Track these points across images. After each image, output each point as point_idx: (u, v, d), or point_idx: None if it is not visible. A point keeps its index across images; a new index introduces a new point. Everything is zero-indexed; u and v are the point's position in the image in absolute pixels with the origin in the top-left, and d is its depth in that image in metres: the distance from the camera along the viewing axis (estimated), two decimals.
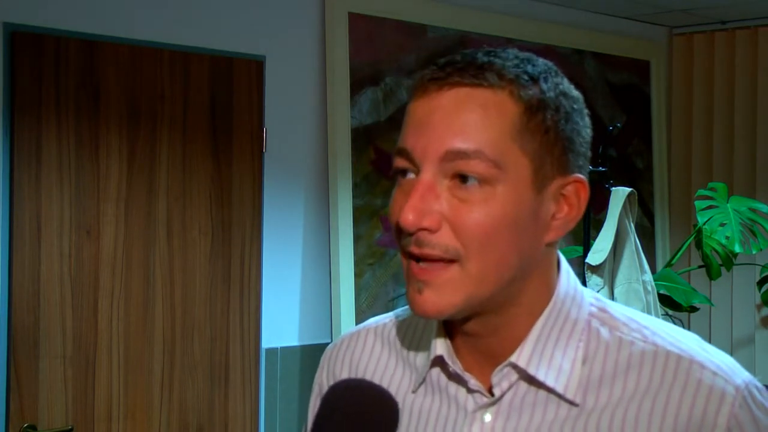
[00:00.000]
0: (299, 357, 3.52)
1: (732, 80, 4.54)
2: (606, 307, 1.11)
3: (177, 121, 3.19)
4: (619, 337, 1.08)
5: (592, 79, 4.39)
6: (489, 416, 1.08)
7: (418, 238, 1.01)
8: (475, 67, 1.02)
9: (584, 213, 1.08)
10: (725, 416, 1.02)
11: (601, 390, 1.05)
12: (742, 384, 1.05)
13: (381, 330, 1.23)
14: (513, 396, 1.07)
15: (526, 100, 1.02)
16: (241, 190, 3.35)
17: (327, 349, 1.29)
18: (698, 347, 1.08)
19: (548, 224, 1.05)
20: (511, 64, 1.04)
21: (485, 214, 1.00)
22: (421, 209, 1.00)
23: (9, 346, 2.87)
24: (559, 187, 1.05)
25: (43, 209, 2.93)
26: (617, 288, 3.33)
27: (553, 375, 1.05)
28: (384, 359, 1.19)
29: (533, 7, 4.22)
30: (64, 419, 2.98)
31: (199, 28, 3.27)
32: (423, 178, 1.01)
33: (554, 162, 1.03)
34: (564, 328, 1.08)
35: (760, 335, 4.45)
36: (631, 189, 3.36)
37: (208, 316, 3.27)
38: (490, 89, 1.02)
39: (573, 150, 1.05)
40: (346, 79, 3.57)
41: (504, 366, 1.07)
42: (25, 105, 2.89)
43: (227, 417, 3.32)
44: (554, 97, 1.04)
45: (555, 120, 1.03)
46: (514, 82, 1.02)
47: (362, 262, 3.58)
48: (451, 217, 1.00)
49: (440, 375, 1.12)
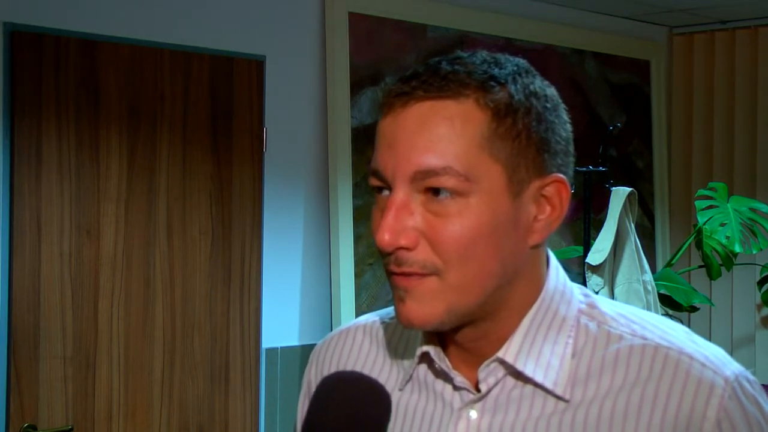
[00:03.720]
0: (299, 357, 3.52)
1: (732, 80, 4.54)
2: (595, 302, 1.11)
3: (177, 121, 3.19)
4: (608, 331, 1.07)
5: (592, 79, 4.39)
6: (475, 413, 1.07)
7: (396, 257, 1.01)
8: (438, 77, 1.01)
9: (584, 212, 1.07)
10: (714, 408, 1.01)
11: (588, 384, 1.05)
12: (731, 375, 1.04)
13: (370, 327, 1.22)
14: (500, 392, 1.07)
15: (493, 106, 1.00)
16: (241, 190, 3.35)
17: (316, 346, 1.30)
18: (687, 339, 1.08)
19: (530, 227, 1.04)
20: (478, 70, 1.02)
21: (461, 227, 0.99)
22: (396, 228, 1.00)
23: (9, 346, 2.87)
24: (537, 188, 1.03)
25: (43, 209, 2.93)
26: (617, 288, 3.33)
27: (542, 371, 1.05)
28: (372, 356, 1.19)
29: (533, 7, 4.22)
30: (64, 419, 2.98)
31: (199, 28, 3.27)
32: (396, 197, 1.01)
33: (529, 165, 1.02)
34: (552, 324, 1.07)
35: (760, 335, 4.45)
36: (631, 189, 3.36)
37: (208, 316, 3.27)
38: (455, 100, 1.00)
39: (549, 150, 1.03)
40: (346, 79, 3.57)
41: (491, 361, 1.06)
42: (25, 105, 2.89)
43: (227, 417, 3.32)
44: (523, 99, 1.02)
45: (526, 123, 1.01)
46: (480, 88, 1.01)
47: (362, 262, 3.58)
48: (427, 232, 1.00)
49: (427, 372, 1.12)
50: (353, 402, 1.01)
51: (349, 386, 1.04)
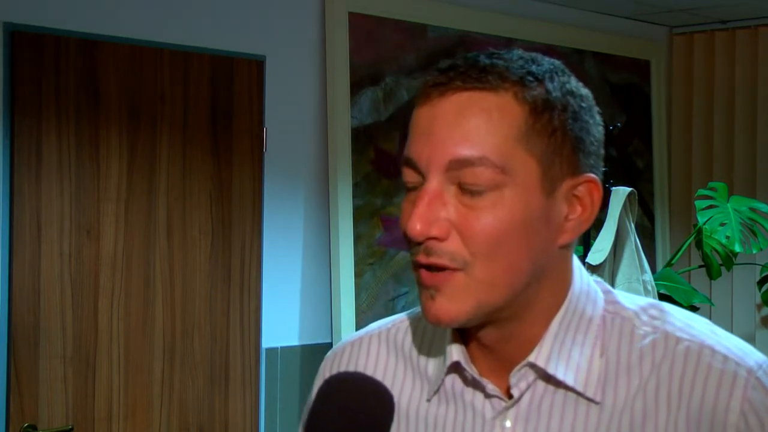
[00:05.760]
0: (299, 357, 3.52)
1: (732, 80, 4.54)
2: (616, 298, 1.11)
3: (177, 121, 3.19)
4: (631, 328, 1.07)
5: (592, 79, 4.38)
6: (509, 422, 1.06)
7: (426, 247, 1.00)
8: (477, 70, 1.00)
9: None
10: (738, 400, 1.01)
11: (618, 383, 1.04)
12: (755, 366, 1.03)
13: (386, 336, 1.19)
14: (531, 397, 1.06)
15: (531, 101, 1.00)
16: (241, 190, 3.35)
17: (327, 357, 1.25)
18: (709, 331, 1.07)
19: (561, 226, 1.03)
20: (515, 65, 1.01)
21: (493, 220, 0.98)
22: (428, 218, 0.99)
23: (9, 346, 2.87)
24: (570, 187, 1.03)
25: (43, 209, 2.93)
26: (617, 287, 3.32)
27: (572, 374, 1.04)
28: (392, 367, 1.16)
29: (533, 7, 4.22)
30: (64, 419, 2.98)
31: (199, 28, 3.27)
32: (429, 186, 0.99)
33: (564, 162, 1.02)
34: (580, 325, 1.06)
35: (760, 335, 4.44)
36: (631, 189, 3.36)
37: (208, 316, 3.27)
38: (493, 92, 1.00)
39: (583, 149, 1.03)
40: (346, 79, 3.57)
41: (522, 366, 1.05)
42: (25, 105, 2.89)
43: (227, 417, 3.32)
44: (560, 97, 1.01)
45: (562, 120, 1.01)
46: (518, 83, 1.00)
47: (362, 262, 3.58)
48: (459, 224, 0.99)
49: (455, 382, 1.10)
50: (355, 403, 1.00)
51: (351, 387, 1.03)
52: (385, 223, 3.64)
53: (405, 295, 3.69)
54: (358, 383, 1.05)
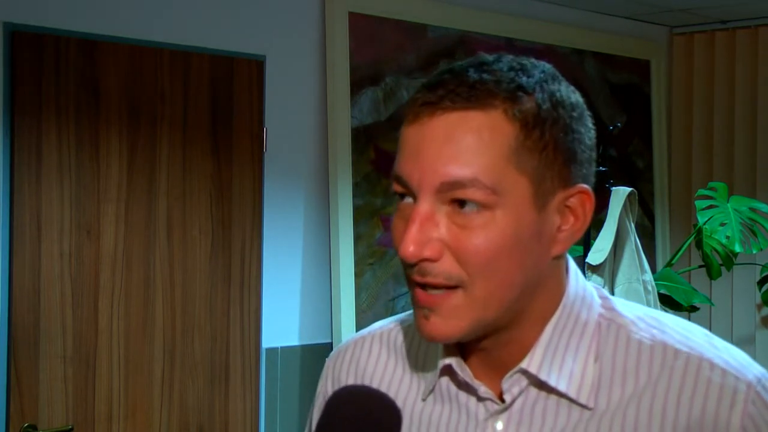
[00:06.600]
0: (299, 357, 3.52)
1: (732, 80, 4.54)
2: (613, 305, 1.10)
3: (177, 121, 3.19)
4: (628, 336, 1.07)
5: (592, 79, 4.39)
6: (501, 424, 1.07)
7: (420, 268, 1.00)
8: (466, 87, 0.99)
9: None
10: (738, 414, 1.00)
11: (612, 389, 1.04)
12: (754, 379, 1.03)
13: (386, 337, 1.21)
14: (524, 402, 1.06)
15: (521, 117, 0.99)
16: (241, 190, 3.35)
17: (329, 358, 1.26)
18: (707, 343, 1.06)
19: (554, 237, 1.03)
20: (505, 78, 1.00)
21: (485, 240, 0.98)
22: (420, 240, 0.99)
23: (9, 346, 2.87)
24: (562, 200, 1.02)
25: (43, 209, 2.93)
26: (617, 287, 3.33)
27: (565, 380, 1.04)
28: (391, 367, 1.18)
29: (533, 7, 4.22)
30: (64, 419, 2.98)
31: (199, 28, 3.27)
32: (420, 208, 0.99)
33: (555, 176, 1.01)
34: (574, 331, 1.07)
35: (760, 335, 4.45)
36: (632, 189, 3.36)
37: (208, 316, 3.27)
38: (482, 111, 0.98)
39: (575, 161, 1.02)
40: (346, 79, 3.57)
41: (514, 372, 1.06)
42: (25, 105, 2.89)
43: (227, 417, 3.32)
44: (551, 109, 1.00)
45: (553, 134, 1.00)
46: (508, 99, 0.99)
47: (362, 262, 3.58)
48: (452, 243, 0.99)
49: (449, 383, 1.11)
50: (362, 416, 1.01)
51: (358, 400, 1.03)
52: (385, 223, 3.64)
53: (405, 295, 3.69)
54: (365, 396, 1.05)
